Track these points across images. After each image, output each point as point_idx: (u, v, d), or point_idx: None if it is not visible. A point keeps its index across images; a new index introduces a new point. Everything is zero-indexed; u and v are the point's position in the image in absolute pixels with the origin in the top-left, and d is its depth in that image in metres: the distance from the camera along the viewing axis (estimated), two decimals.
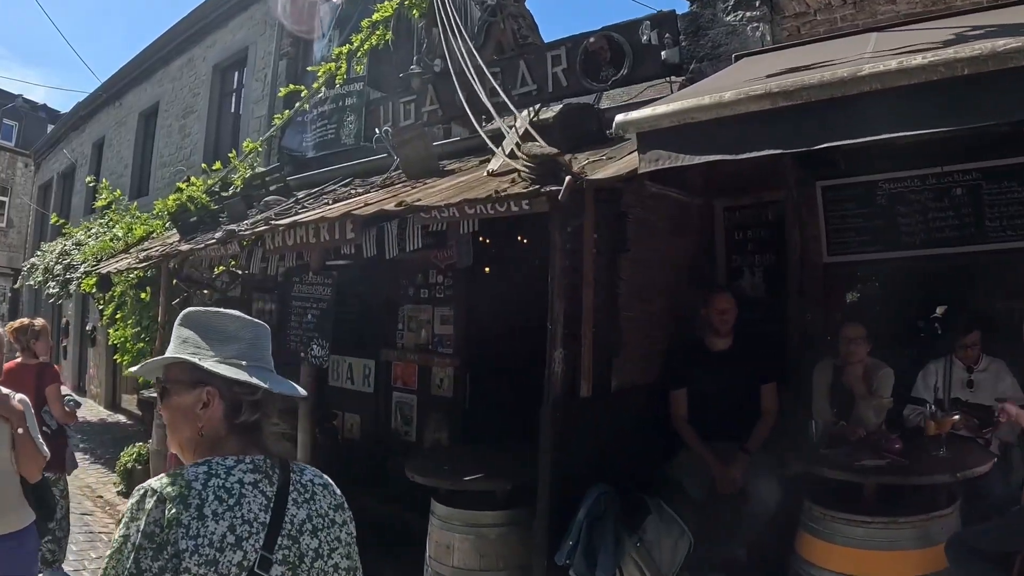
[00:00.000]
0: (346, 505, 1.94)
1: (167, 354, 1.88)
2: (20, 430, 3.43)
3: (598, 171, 3.82)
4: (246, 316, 1.97)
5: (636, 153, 3.84)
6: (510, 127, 4.91)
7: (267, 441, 1.86)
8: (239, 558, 1.65)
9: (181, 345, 1.86)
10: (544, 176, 3.81)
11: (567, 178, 3.64)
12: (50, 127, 21.48)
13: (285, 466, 1.84)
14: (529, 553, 4.31)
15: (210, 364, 1.80)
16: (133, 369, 2.09)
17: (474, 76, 5.46)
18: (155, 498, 1.65)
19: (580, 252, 4.47)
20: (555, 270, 4.18)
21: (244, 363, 1.84)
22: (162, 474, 1.74)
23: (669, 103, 3.42)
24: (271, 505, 1.75)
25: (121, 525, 1.67)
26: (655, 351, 5.38)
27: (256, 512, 1.72)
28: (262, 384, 1.83)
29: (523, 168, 4.01)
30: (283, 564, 1.71)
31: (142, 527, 1.63)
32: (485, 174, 4.87)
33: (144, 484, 1.72)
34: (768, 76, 3.36)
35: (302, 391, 1.97)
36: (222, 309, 1.97)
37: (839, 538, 4.08)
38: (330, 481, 1.95)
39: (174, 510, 1.63)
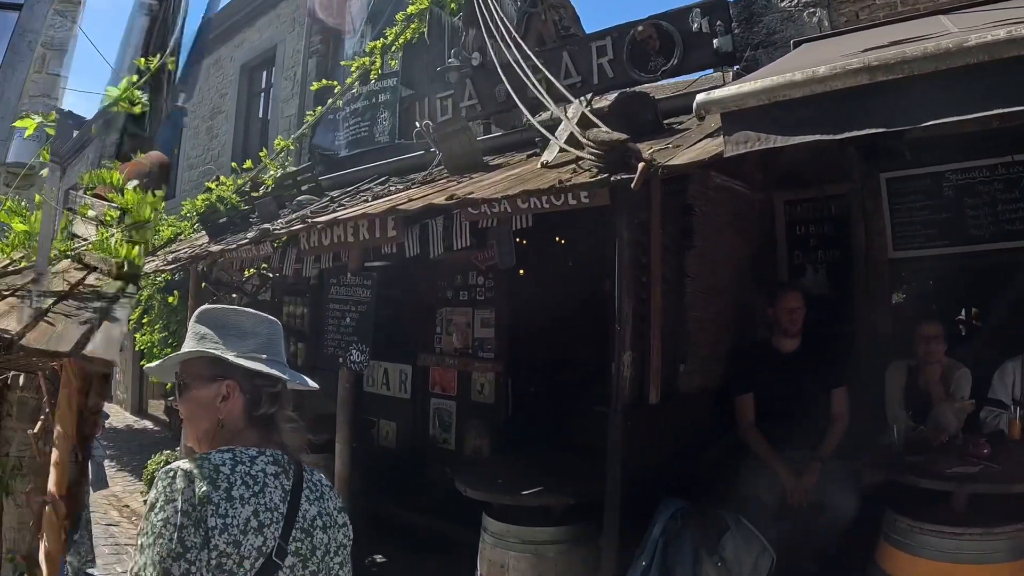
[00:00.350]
0: (344, 510, 2.02)
1: (185, 349, 1.93)
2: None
3: (674, 157, 3.52)
4: (260, 313, 2.03)
5: (711, 138, 3.60)
6: (565, 116, 4.64)
7: (282, 437, 1.92)
8: (259, 543, 1.71)
9: (200, 341, 1.91)
10: (613, 163, 3.53)
11: (640, 165, 3.34)
12: (75, 132, 21.43)
13: (299, 463, 1.91)
14: (592, 573, 4.02)
15: (232, 357, 1.86)
16: (151, 365, 2.11)
17: (525, 67, 5.19)
18: (185, 477, 1.69)
19: (644, 248, 4.17)
20: (623, 267, 3.86)
21: (263, 356, 1.91)
22: (186, 459, 1.77)
23: (756, 80, 3.14)
24: (288, 498, 1.81)
25: (157, 509, 1.67)
26: (720, 353, 5.07)
27: (276, 502, 1.78)
28: (283, 376, 1.91)
29: (589, 156, 3.73)
30: (295, 555, 1.78)
31: (180, 506, 1.65)
32: (539, 166, 4.60)
33: (171, 466, 1.75)
34: (864, 50, 3.09)
35: (313, 384, 2.03)
36: (236, 307, 2.07)
37: (927, 551, 3.84)
38: (332, 485, 2.03)
39: (204, 488, 1.68)
